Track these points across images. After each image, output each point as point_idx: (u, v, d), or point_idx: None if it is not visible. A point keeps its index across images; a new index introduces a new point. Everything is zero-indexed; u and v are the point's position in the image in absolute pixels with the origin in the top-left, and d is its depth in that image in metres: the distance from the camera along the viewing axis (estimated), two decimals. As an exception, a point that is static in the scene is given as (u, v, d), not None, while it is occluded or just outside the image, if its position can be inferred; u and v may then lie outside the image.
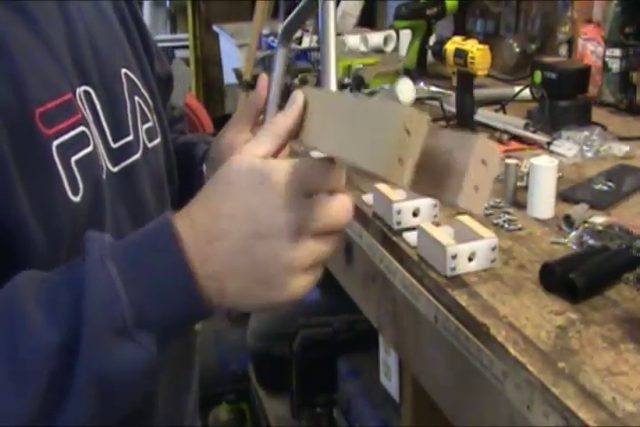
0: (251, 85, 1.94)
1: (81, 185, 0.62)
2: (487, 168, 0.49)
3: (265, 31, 2.39)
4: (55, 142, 0.59)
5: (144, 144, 0.75)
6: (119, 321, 0.51)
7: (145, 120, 0.76)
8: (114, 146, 0.69)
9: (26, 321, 0.51)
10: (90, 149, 0.64)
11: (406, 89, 1.47)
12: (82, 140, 0.63)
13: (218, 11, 3.33)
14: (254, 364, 2.20)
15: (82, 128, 0.63)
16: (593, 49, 1.54)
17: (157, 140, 0.79)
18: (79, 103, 0.64)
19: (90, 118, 0.66)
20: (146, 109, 0.77)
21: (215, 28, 2.94)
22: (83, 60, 0.67)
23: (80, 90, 0.65)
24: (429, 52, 1.64)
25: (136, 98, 0.75)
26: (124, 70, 0.74)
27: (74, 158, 0.61)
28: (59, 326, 0.50)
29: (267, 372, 2.13)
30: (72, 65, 0.65)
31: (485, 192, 0.50)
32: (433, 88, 1.56)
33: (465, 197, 0.49)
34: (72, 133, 0.61)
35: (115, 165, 0.69)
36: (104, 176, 0.66)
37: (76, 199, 0.61)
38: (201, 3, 3.39)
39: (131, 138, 0.72)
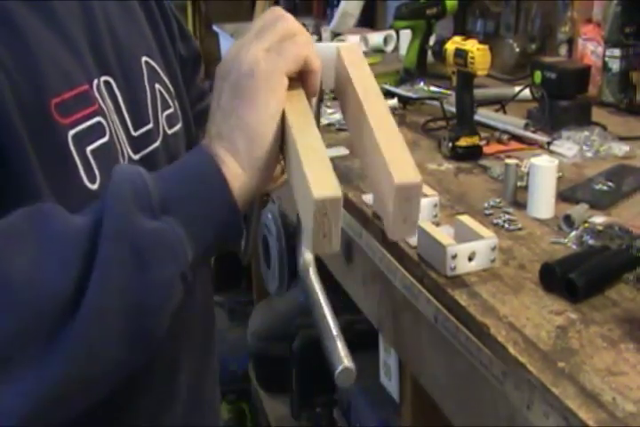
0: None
1: (97, 173, 0.63)
2: (411, 203, 0.55)
3: (265, 31, 2.38)
4: (71, 132, 0.60)
5: (164, 131, 0.76)
6: (145, 200, 0.55)
7: (166, 107, 0.77)
8: (134, 134, 0.70)
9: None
10: (106, 139, 0.65)
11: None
12: (98, 131, 0.64)
13: (218, 11, 3.32)
14: (254, 364, 2.20)
15: (98, 118, 0.64)
16: (593, 49, 1.54)
17: (178, 126, 0.79)
18: (96, 94, 0.65)
19: (110, 108, 0.67)
20: (167, 96, 0.77)
21: (215, 28, 2.93)
22: (102, 50, 0.67)
23: (100, 80, 0.66)
24: (429, 52, 1.63)
25: (157, 85, 0.75)
26: (144, 58, 0.74)
27: (89, 148, 0.62)
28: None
29: (267, 372, 2.13)
30: (91, 55, 0.65)
31: (414, 222, 0.56)
32: (433, 88, 1.56)
33: (393, 230, 0.56)
34: (88, 124, 0.62)
35: (136, 152, 0.70)
36: (125, 163, 0.67)
37: (94, 187, 0.62)
38: (201, 3, 3.39)
39: (151, 126, 0.73)
